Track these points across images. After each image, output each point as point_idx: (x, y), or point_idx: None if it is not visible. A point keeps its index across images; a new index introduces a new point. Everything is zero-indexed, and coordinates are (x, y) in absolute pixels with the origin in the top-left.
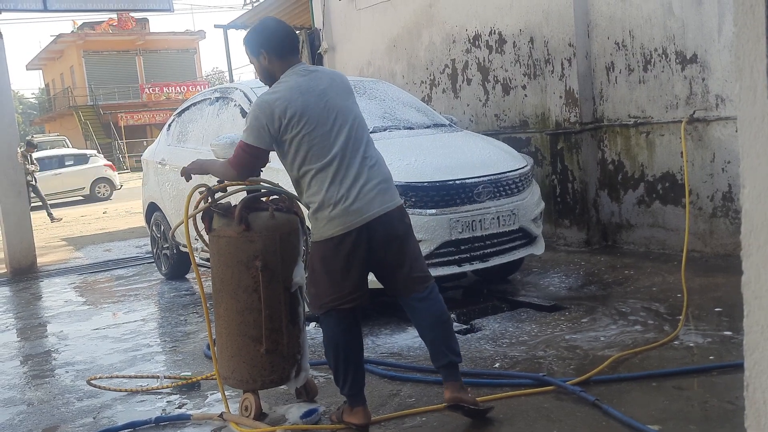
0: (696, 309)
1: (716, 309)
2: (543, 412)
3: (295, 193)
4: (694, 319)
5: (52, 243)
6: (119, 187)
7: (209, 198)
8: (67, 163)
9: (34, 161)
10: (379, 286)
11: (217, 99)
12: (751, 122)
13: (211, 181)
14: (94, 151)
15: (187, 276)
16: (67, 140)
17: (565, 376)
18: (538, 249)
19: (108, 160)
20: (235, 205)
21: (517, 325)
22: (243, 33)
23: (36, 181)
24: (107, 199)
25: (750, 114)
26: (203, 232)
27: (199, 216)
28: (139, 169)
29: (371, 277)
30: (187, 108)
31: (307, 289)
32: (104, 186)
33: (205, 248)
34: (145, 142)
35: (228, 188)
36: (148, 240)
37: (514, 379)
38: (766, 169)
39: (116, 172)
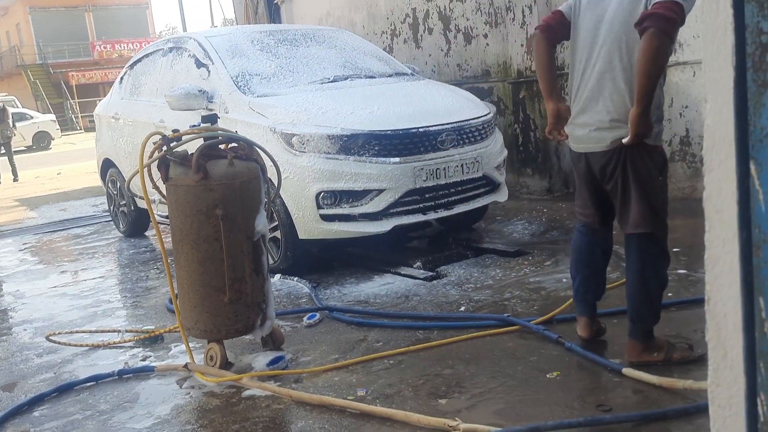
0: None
1: (674, 249)
2: (508, 351)
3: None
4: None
5: (5, 204)
6: None
7: (164, 146)
8: None
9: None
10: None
11: (171, 49)
12: (714, 34)
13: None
14: None
15: (147, 233)
16: (17, 100)
17: (529, 316)
18: (502, 196)
19: (59, 121)
20: (192, 153)
21: (482, 271)
22: None
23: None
24: None
25: (713, 26)
26: (159, 183)
27: (155, 166)
28: (93, 129)
29: (332, 226)
30: (140, 60)
31: None
32: None
33: (163, 201)
34: (97, 101)
35: (183, 137)
36: (104, 198)
37: (479, 321)
38: (728, 82)
39: None
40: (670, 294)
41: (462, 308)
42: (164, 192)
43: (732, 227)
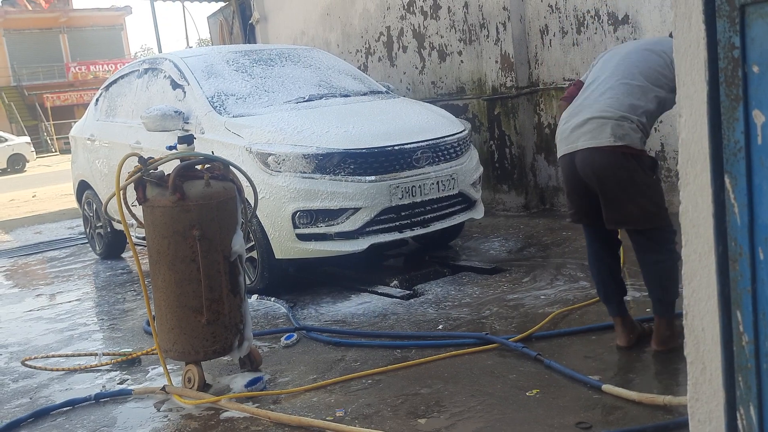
0: (632, 265)
1: None
2: (487, 369)
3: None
4: (630, 275)
5: None
6: None
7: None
8: None
9: None
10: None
11: (146, 71)
12: (686, 50)
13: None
14: None
15: (123, 255)
16: None
17: (508, 334)
18: (478, 213)
19: (34, 143)
20: (169, 174)
21: (459, 288)
22: (171, 6)
23: None
24: None
25: (685, 41)
26: (134, 208)
27: (132, 187)
28: (68, 152)
29: (308, 245)
30: (115, 81)
31: None
32: None
33: (139, 224)
34: (73, 123)
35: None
36: (80, 221)
37: (457, 339)
38: (702, 96)
39: None
40: (648, 309)
41: (440, 327)
42: (139, 217)
43: (708, 241)
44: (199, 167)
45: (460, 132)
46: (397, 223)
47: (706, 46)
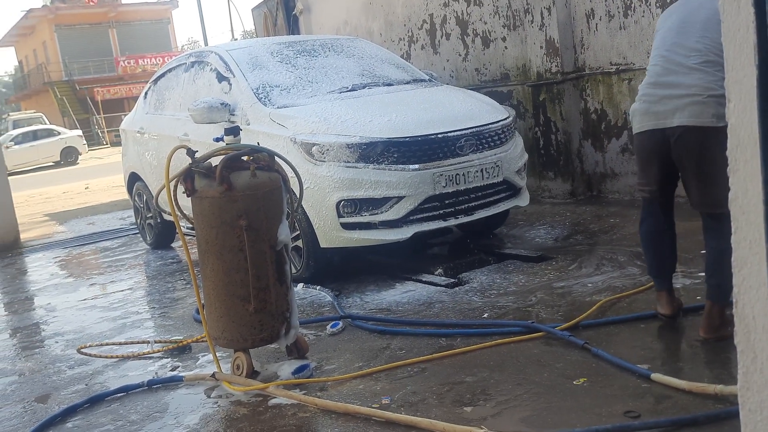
0: (682, 252)
1: (701, 251)
2: (533, 358)
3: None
4: (679, 262)
5: (35, 219)
6: None
7: (190, 159)
8: None
9: None
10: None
11: (193, 64)
12: (735, 33)
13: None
14: None
15: (173, 245)
16: (44, 117)
17: (554, 322)
18: (523, 201)
19: (86, 136)
20: (216, 165)
21: (504, 277)
22: None
23: None
24: None
25: (734, 25)
26: (182, 201)
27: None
28: (119, 144)
29: (353, 234)
30: (163, 75)
31: None
32: None
33: (185, 218)
34: (123, 116)
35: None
36: (131, 212)
37: (503, 328)
38: (752, 81)
39: None
40: (698, 297)
41: (485, 315)
42: (185, 211)
43: (759, 228)
44: (245, 158)
45: (505, 119)
46: (441, 212)
47: (756, 29)
